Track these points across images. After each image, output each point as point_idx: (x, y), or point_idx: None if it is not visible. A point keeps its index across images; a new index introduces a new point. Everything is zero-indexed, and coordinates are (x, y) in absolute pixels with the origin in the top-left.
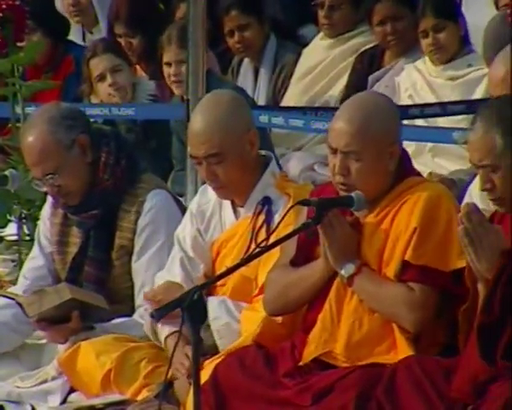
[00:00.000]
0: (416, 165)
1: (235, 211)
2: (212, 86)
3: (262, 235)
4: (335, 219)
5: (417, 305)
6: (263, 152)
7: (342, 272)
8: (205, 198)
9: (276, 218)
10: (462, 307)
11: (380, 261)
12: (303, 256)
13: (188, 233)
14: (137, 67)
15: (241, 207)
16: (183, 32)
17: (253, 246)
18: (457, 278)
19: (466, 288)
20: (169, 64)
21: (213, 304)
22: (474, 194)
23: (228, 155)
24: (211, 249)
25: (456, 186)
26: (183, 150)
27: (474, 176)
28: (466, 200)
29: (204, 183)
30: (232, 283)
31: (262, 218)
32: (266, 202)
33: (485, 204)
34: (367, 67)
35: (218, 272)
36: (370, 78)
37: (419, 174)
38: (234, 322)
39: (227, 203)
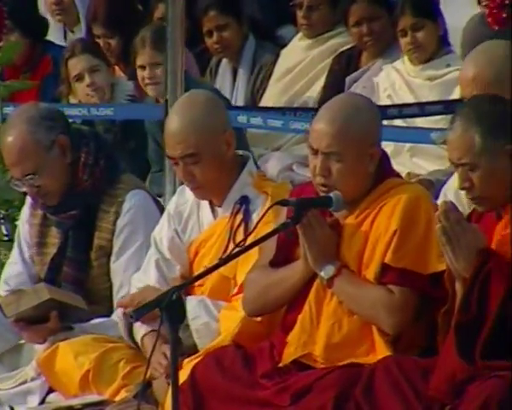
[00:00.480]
0: (395, 165)
1: (213, 211)
2: (188, 88)
3: (240, 234)
4: (315, 220)
5: (396, 308)
6: (240, 152)
7: (322, 273)
8: (182, 199)
9: (255, 217)
10: (442, 310)
11: (359, 263)
12: (283, 257)
13: (165, 234)
14: (116, 67)
15: (219, 206)
16: (156, 35)
17: (231, 245)
18: (436, 280)
19: (445, 290)
20: (143, 67)
21: (192, 303)
22: (449, 195)
23: (204, 156)
24: (189, 250)
25: (434, 187)
26: (159, 151)
27: (450, 176)
28: (440, 201)
29: (182, 183)
30: (210, 282)
31: (240, 217)
32: (244, 201)
33: (460, 205)
34: (344, 68)
35: (197, 273)
36: (348, 79)
37: (398, 175)
38: (213, 321)
39: (205, 203)
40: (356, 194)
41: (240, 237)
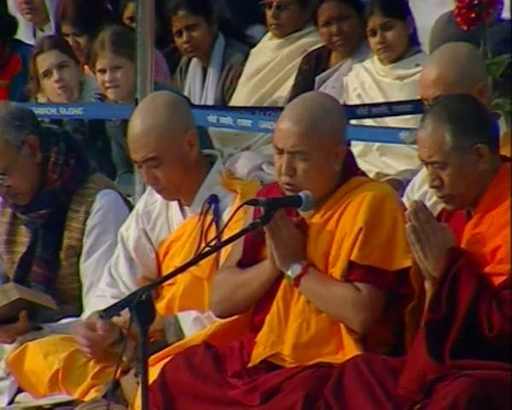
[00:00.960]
0: (364, 164)
1: (182, 210)
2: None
3: (212, 233)
4: (281, 220)
5: (364, 305)
6: (208, 151)
7: (289, 272)
8: (152, 198)
9: (225, 215)
10: (409, 307)
11: (326, 262)
12: (250, 257)
13: (131, 233)
14: (85, 66)
15: (188, 206)
16: (115, 37)
17: (202, 245)
18: (402, 277)
19: (411, 287)
20: (103, 71)
21: (188, 323)
22: (412, 195)
23: (165, 158)
24: (159, 250)
25: (403, 187)
26: (123, 154)
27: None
28: (404, 200)
29: None
30: (183, 283)
31: (210, 216)
32: (213, 199)
33: None
34: (314, 67)
35: (167, 272)
36: (317, 78)
37: (364, 174)
38: None
39: (174, 203)
40: (322, 193)
41: (211, 235)
